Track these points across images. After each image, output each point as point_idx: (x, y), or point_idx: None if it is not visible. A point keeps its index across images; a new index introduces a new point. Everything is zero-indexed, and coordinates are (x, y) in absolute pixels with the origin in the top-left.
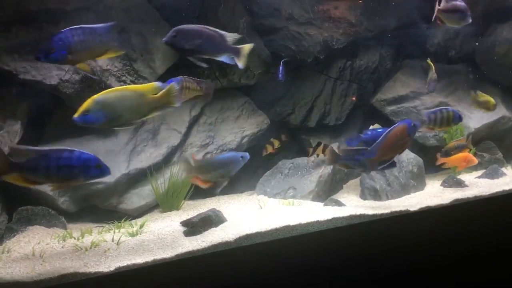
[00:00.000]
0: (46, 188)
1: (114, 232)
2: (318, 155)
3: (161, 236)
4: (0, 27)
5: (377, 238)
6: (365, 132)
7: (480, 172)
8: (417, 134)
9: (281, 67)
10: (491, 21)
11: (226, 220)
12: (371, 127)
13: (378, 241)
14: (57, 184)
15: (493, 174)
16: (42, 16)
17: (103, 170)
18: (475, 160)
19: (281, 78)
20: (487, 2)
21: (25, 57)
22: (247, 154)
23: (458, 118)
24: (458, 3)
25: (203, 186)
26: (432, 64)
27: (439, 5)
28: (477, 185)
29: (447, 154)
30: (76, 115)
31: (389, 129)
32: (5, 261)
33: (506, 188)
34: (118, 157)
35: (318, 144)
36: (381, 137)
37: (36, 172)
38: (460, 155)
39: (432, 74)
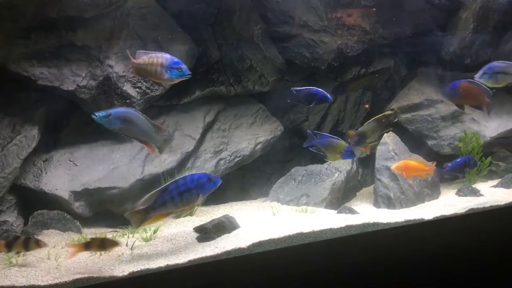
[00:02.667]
0: (62, 193)
1: (128, 237)
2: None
3: (174, 241)
4: (20, 34)
5: (391, 246)
6: (447, 165)
7: (495, 181)
8: (431, 143)
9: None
10: (508, 29)
11: (239, 227)
12: (385, 135)
13: (392, 249)
14: (185, 208)
15: (509, 184)
16: (61, 23)
17: (215, 181)
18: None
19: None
20: (503, 9)
21: (44, 63)
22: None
23: None
24: None
25: None
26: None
27: None
28: (492, 194)
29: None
30: None
31: None
32: (20, 265)
33: None
34: (133, 162)
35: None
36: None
37: (166, 206)
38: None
39: None
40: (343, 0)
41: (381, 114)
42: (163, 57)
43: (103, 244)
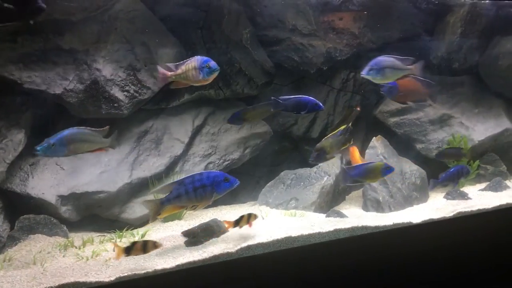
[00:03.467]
0: (48, 197)
1: (116, 242)
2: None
3: (162, 246)
4: (6, 37)
5: (380, 250)
6: (441, 176)
7: (483, 185)
8: (420, 146)
9: None
10: (495, 34)
11: (227, 231)
12: (374, 138)
13: (380, 253)
14: (198, 204)
15: (497, 187)
16: (48, 26)
17: (231, 182)
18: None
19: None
20: (491, 14)
21: (30, 66)
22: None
23: None
24: None
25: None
26: None
27: None
28: (480, 197)
29: None
30: None
31: None
32: (6, 270)
33: (510, 201)
34: (121, 166)
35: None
36: None
37: (180, 199)
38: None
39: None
40: (331, 5)
41: (336, 130)
42: (195, 59)
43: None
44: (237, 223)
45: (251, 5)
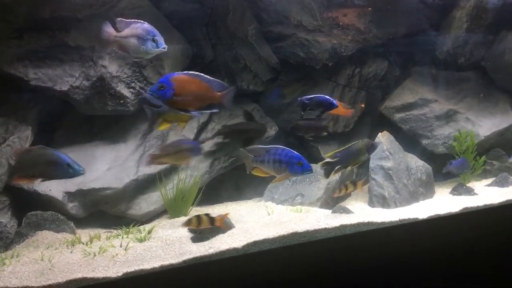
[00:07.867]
0: (56, 193)
1: (122, 238)
2: None
3: (168, 242)
4: (13, 34)
5: (386, 246)
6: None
7: (489, 180)
8: (426, 142)
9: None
10: (501, 29)
11: (233, 227)
12: (379, 134)
13: (387, 249)
14: (276, 175)
15: (503, 183)
16: (53, 23)
17: (303, 167)
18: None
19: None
20: (497, 9)
21: (37, 63)
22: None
23: None
24: None
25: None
26: None
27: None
28: (486, 193)
29: None
30: None
31: None
32: (14, 266)
33: None
34: (127, 162)
35: None
36: None
37: (263, 164)
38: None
39: None
40: (337, 0)
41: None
42: (140, 25)
43: None
44: None
45: (256, 1)
